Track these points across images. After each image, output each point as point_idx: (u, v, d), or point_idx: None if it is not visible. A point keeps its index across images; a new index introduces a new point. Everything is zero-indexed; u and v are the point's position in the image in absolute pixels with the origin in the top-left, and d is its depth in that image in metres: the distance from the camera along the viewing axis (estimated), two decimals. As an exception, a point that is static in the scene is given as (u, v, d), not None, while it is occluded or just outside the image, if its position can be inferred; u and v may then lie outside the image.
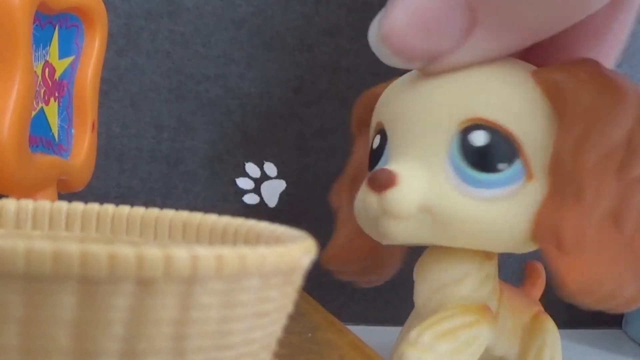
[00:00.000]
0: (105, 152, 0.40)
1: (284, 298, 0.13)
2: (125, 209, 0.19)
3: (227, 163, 0.42)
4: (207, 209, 0.23)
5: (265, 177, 0.42)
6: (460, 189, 0.23)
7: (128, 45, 0.40)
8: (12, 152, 0.24)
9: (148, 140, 0.41)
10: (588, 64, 0.23)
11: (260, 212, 0.42)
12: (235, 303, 0.12)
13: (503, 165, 0.23)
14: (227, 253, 0.12)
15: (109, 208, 0.19)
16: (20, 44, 0.24)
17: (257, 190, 0.42)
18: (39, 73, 0.27)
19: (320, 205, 0.44)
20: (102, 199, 0.24)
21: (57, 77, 0.29)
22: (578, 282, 0.21)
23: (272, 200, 0.42)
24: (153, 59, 0.41)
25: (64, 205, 0.19)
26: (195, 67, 0.41)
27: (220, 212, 0.18)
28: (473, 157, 0.23)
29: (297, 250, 0.13)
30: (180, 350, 0.12)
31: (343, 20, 0.43)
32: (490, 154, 0.23)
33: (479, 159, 0.23)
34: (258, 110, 0.42)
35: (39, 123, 0.28)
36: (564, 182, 0.22)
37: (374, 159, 0.25)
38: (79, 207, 0.19)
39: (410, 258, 0.30)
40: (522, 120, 0.23)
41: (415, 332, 0.23)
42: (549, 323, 0.28)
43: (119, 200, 0.40)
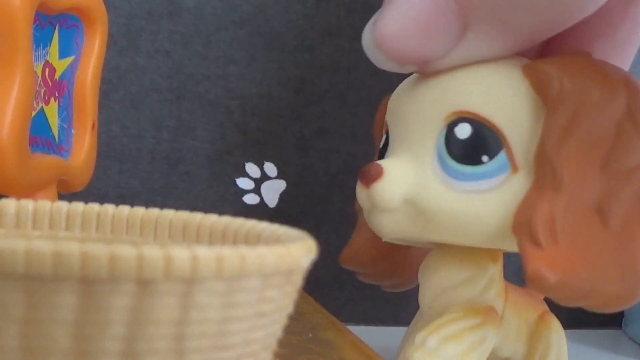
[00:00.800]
0: (105, 152, 0.40)
1: (284, 298, 0.13)
2: (126, 209, 0.19)
3: (227, 163, 0.42)
4: (207, 209, 0.23)
5: (266, 177, 0.42)
6: (445, 182, 0.23)
7: (128, 46, 0.40)
8: (12, 152, 0.24)
9: (148, 140, 0.41)
10: (578, 56, 0.23)
11: (261, 212, 0.42)
12: (236, 303, 0.12)
13: (487, 158, 0.22)
14: (227, 253, 0.12)
15: (109, 208, 0.19)
16: (21, 44, 0.24)
17: (257, 191, 0.42)
18: (39, 73, 0.27)
19: (320, 205, 0.44)
20: (102, 199, 0.24)
21: (57, 77, 0.29)
22: (551, 276, 0.21)
23: (272, 201, 0.42)
24: (153, 59, 0.41)
25: (64, 205, 0.19)
26: (196, 67, 0.41)
27: (221, 212, 0.18)
28: (457, 150, 0.23)
29: (297, 251, 0.13)
30: (181, 351, 0.12)
31: (343, 20, 0.43)
32: (474, 147, 0.22)
33: (463, 152, 0.23)
34: (258, 111, 0.42)
35: (39, 123, 0.28)
36: (545, 171, 0.22)
37: (380, 158, 0.25)
38: (79, 207, 0.19)
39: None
40: (507, 113, 0.22)
41: (421, 335, 0.23)
42: (555, 323, 0.28)
43: (119, 200, 0.40)
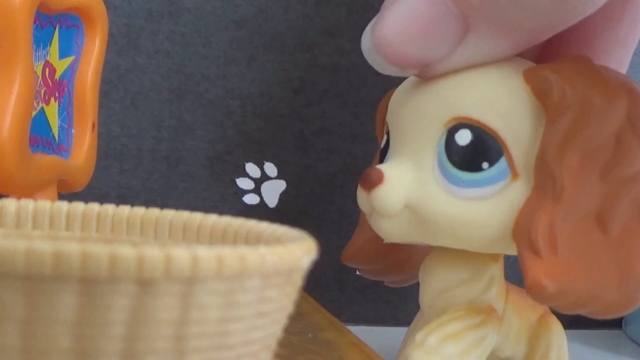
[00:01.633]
0: (105, 152, 0.40)
1: (285, 298, 0.13)
2: (126, 209, 0.19)
3: (227, 163, 0.42)
4: (207, 209, 0.23)
5: (266, 177, 0.42)
6: (446, 189, 0.23)
7: (128, 46, 0.40)
8: (12, 152, 0.24)
9: (148, 140, 0.41)
10: (580, 61, 0.23)
11: (261, 212, 0.42)
12: (236, 303, 0.12)
13: (487, 164, 0.22)
14: (227, 253, 0.12)
15: (109, 208, 0.19)
16: (21, 44, 0.24)
17: (257, 191, 0.42)
18: (40, 73, 0.27)
19: (320, 205, 0.44)
20: (102, 199, 0.24)
21: (57, 77, 0.29)
22: (551, 285, 0.21)
23: (272, 201, 0.42)
24: (153, 59, 0.41)
25: (64, 205, 0.19)
26: (196, 67, 0.41)
27: (221, 212, 0.18)
28: (457, 156, 0.23)
29: (297, 251, 0.13)
30: (181, 351, 0.12)
31: (343, 20, 0.43)
32: (474, 153, 0.22)
33: (463, 158, 0.23)
34: (258, 111, 0.42)
35: (39, 123, 0.28)
36: (545, 180, 0.22)
37: (381, 158, 0.25)
38: (79, 207, 0.19)
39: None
40: (508, 119, 0.22)
41: (422, 334, 0.23)
42: (555, 324, 0.28)
43: (119, 200, 0.40)
